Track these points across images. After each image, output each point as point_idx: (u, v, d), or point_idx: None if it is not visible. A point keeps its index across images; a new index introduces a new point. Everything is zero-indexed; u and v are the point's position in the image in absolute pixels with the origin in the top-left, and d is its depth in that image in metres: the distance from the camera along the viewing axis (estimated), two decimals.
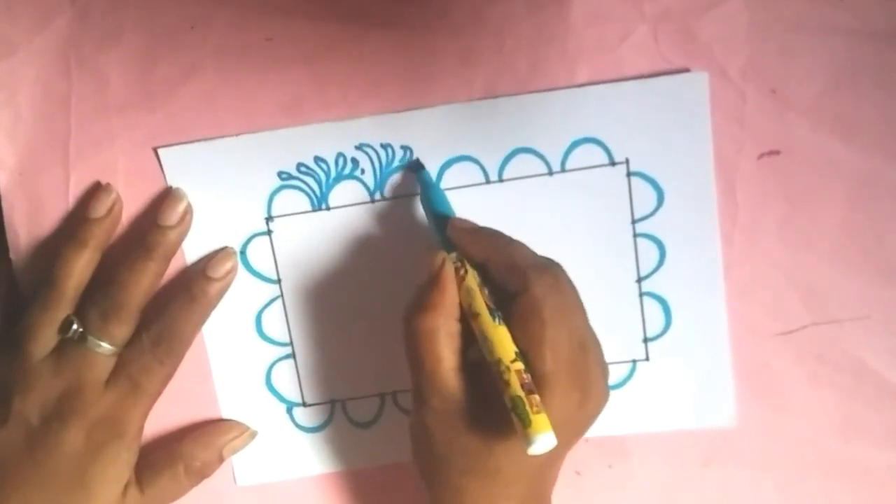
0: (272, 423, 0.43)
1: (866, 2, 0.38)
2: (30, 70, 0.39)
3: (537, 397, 0.33)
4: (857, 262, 0.40)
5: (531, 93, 0.39)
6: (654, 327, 0.41)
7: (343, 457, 0.43)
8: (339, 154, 0.40)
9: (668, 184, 0.40)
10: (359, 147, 0.40)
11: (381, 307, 0.41)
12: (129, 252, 0.39)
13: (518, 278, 0.35)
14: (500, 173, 0.40)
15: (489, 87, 0.39)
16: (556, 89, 0.39)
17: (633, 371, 0.42)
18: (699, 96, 0.39)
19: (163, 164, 0.40)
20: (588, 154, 0.40)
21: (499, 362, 0.33)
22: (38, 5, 0.38)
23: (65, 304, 0.38)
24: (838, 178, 0.39)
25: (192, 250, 0.41)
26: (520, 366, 0.33)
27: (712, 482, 0.43)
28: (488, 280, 0.36)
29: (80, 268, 0.38)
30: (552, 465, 0.37)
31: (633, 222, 0.40)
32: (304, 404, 0.43)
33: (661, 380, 0.41)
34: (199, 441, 0.41)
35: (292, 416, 0.43)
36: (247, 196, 0.40)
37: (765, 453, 0.42)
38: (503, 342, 0.34)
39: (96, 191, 0.39)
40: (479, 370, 0.35)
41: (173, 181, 0.40)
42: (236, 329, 0.42)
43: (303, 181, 0.40)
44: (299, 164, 0.40)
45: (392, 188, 0.40)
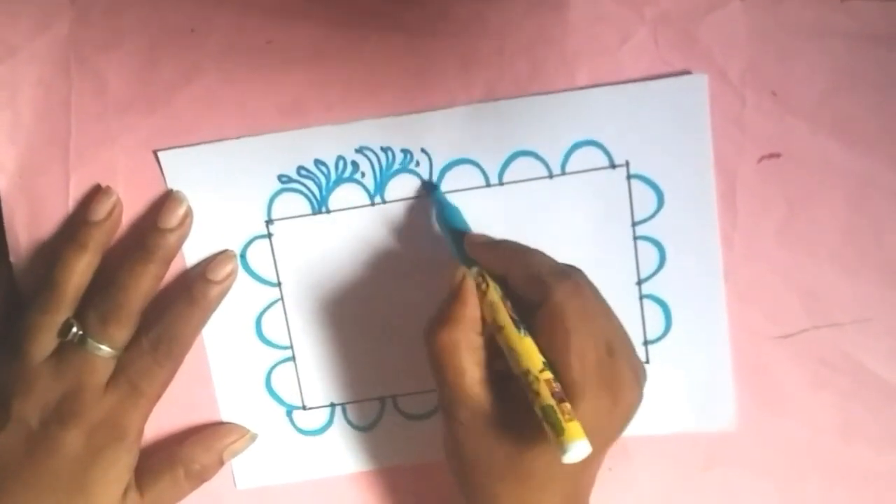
0: (272, 427, 0.43)
1: (866, 5, 0.38)
2: (30, 72, 0.39)
3: (568, 405, 0.32)
4: (857, 265, 0.40)
5: (531, 95, 0.39)
6: (655, 330, 0.41)
7: (343, 460, 0.43)
8: (340, 157, 0.40)
9: (669, 186, 0.40)
10: (359, 150, 0.40)
11: (382, 310, 0.41)
12: (128, 255, 0.39)
13: (538, 288, 0.34)
14: (501, 176, 0.40)
15: (489, 90, 0.39)
16: (556, 92, 0.39)
17: None
18: (699, 99, 0.39)
19: (163, 167, 0.40)
20: (588, 157, 0.40)
21: (527, 373, 0.33)
22: (38, 7, 0.38)
23: (64, 307, 0.38)
24: (838, 181, 0.39)
25: (192, 253, 0.41)
26: (548, 375, 0.33)
27: (713, 485, 0.43)
28: (510, 293, 0.36)
29: (80, 270, 0.38)
30: (587, 469, 0.36)
31: (634, 225, 0.40)
32: (304, 407, 0.43)
33: (661, 383, 0.41)
34: (199, 444, 0.41)
35: (292, 420, 0.43)
36: (247, 199, 0.40)
37: (765, 456, 0.42)
38: (530, 353, 0.33)
39: (96, 193, 0.39)
40: (506, 382, 0.35)
41: (173, 184, 0.40)
42: (236, 332, 0.42)
43: (303, 184, 0.40)
44: (299, 167, 0.40)
45: (392, 191, 0.40)
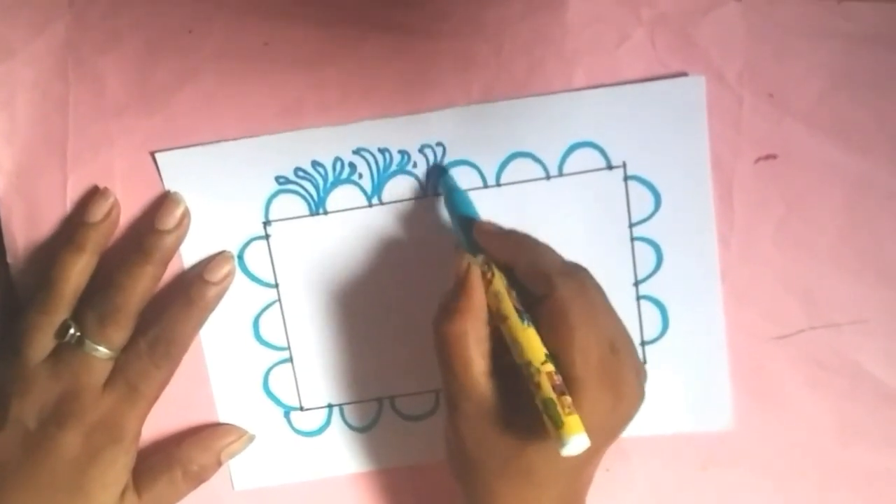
0: (270, 428, 0.43)
1: (862, 6, 0.38)
2: (27, 73, 0.39)
3: (569, 399, 0.32)
4: (854, 266, 0.40)
5: (528, 97, 0.39)
6: (652, 331, 0.41)
7: (341, 461, 0.43)
8: (337, 158, 0.40)
9: (666, 187, 0.40)
10: (356, 151, 0.40)
11: (379, 311, 0.41)
12: (126, 256, 0.39)
13: (543, 284, 0.34)
14: (498, 177, 0.40)
15: (486, 92, 0.39)
16: (553, 93, 0.39)
17: None
18: (696, 100, 0.39)
19: (160, 168, 0.40)
20: (585, 158, 0.40)
21: (528, 364, 0.33)
22: (36, 8, 0.38)
23: (62, 308, 0.38)
24: (835, 182, 0.39)
25: (189, 254, 0.41)
26: (550, 368, 0.33)
27: (710, 485, 0.43)
28: (516, 283, 0.36)
29: (78, 272, 0.38)
30: (586, 467, 0.36)
31: (631, 226, 0.40)
32: (302, 408, 0.43)
33: (658, 383, 0.41)
34: (197, 445, 0.41)
35: (290, 421, 0.43)
36: (244, 200, 0.40)
37: (763, 457, 0.42)
38: (532, 344, 0.33)
39: (94, 195, 0.39)
40: (510, 373, 0.35)
41: (171, 185, 0.40)
42: (234, 333, 0.42)
43: (300, 185, 0.40)
44: (297, 169, 0.40)
45: (389, 193, 0.40)
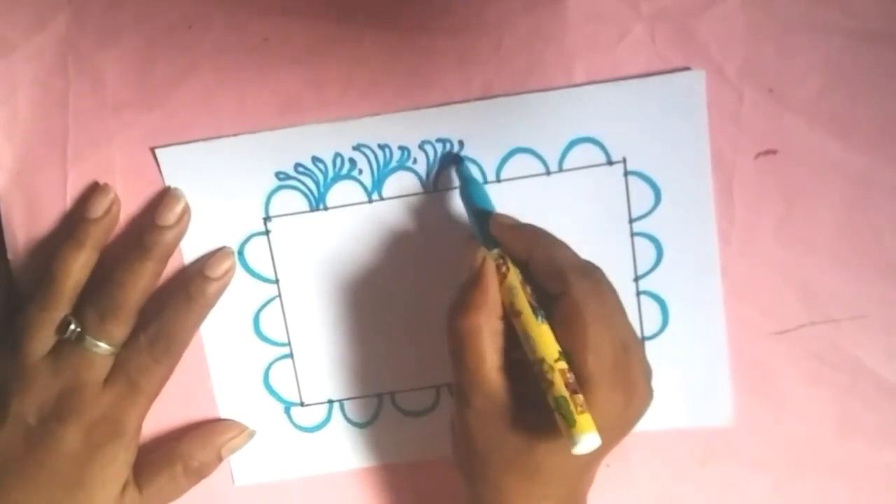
0: (270, 423, 0.43)
1: (863, 2, 0.38)
2: (27, 69, 0.39)
3: (581, 397, 0.32)
4: (854, 262, 0.40)
5: (529, 92, 0.39)
6: (651, 326, 0.41)
7: (341, 457, 0.43)
8: (337, 154, 0.40)
9: (666, 183, 0.40)
10: (356, 147, 0.40)
11: (380, 307, 0.41)
12: (126, 252, 0.39)
13: (558, 282, 0.34)
14: (498, 173, 0.40)
15: (487, 87, 0.39)
16: (553, 89, 0.39)
17: None
18: (696, 95, 0.39)
19: (160, 164, 0.40)
20: (585, 153, 0.40)
21: (542, 361, 0.33)
22: (35, 5, 0.38)
23: (62, 304, 0.38)
24: (835, 178, 0.39)
25: (189, 250, 0.41)
26: (563, 365, 0.33)
27: (710, 481, 0.43)
28: (531, 277, 0.36)
29: (78, 268, 0.38)
30: (592, 466, 0.36)
31: (631, 221, 0.40)
32: (302, 404, 0.43)
33: (657, 379, 0.41)
34: (198, 441, 0.41)
35: (290, 416, 0.43)
36: (244, 196, 0.40)
37: (762, 452, 0.42)
38: (546, 341, 0.33)
39: (94, 191, 0.39)
40: (522, 369, 0.35)
41: (171, 181, 0.40)
42: (234, 329, 0.42)
43: (300, 181, 0.40)
44: (297, 165, 0.40)
45: (390, 188, 0.40)
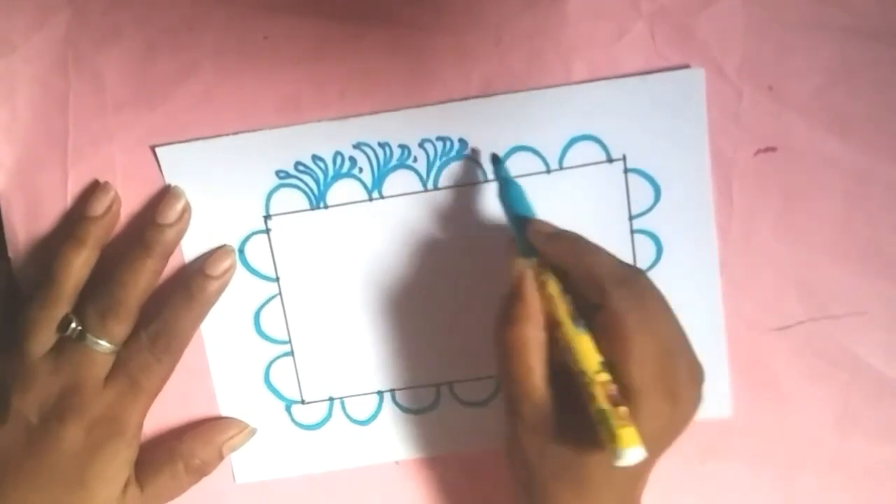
0: (271, 421, 0.43)
1: (863, 0, 0.38)
2: (27, 69, 0.39)
3: (625, 409, 0.32)
4: (853, 258, 0.40)
5: (528, 90, 0.39)
6: None
7: (342, 454, 0.43)
8: (337, 153, 0.40)
9: (665, 180, 0.40)
10: (356, 146, 0.40)
11: (379, 304, 0.42)
12: (127, 250, 0.39)
13: (597, 291, 0.34)
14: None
15: (486, 85, 0.39)
16: (552, 86, 0.39)
17: None
18: (696, 93, 0.39)
19: (161, 163, 0.40)
20: (585, 151, 0.40)
21: (583, 374, 0.33)
22: (36, 4, 0.38)
23: (63, 303, 0.38)
24: (834, 175, 0.39)
25: (190, 248, 0.41)
26: (605, 377, 0.32)
27: (710, 477, 0.43)
28: (571, 286, 0.35)
29: (79, 266, 0.38)
30: (643, 474, 0.36)
31: (630, 218, 0.40)
32: (303, 402, 0.43)
33: None
34: (199, 439, 0.41)
35: (291, 414, 0.43)
36: (245, 194, 0.40)
37: (762, 449, 0.42)
38: (587, 352, 0.33)
39: (95, 189, 0.39)
40: (567, 378, 0.34)
41: (171, 180, 0.40)
42: (235, 327, 0.42)
43: (301, 180, 0.40)
44: (297, 163, 0.40)
45: (390, 187, 0.40)
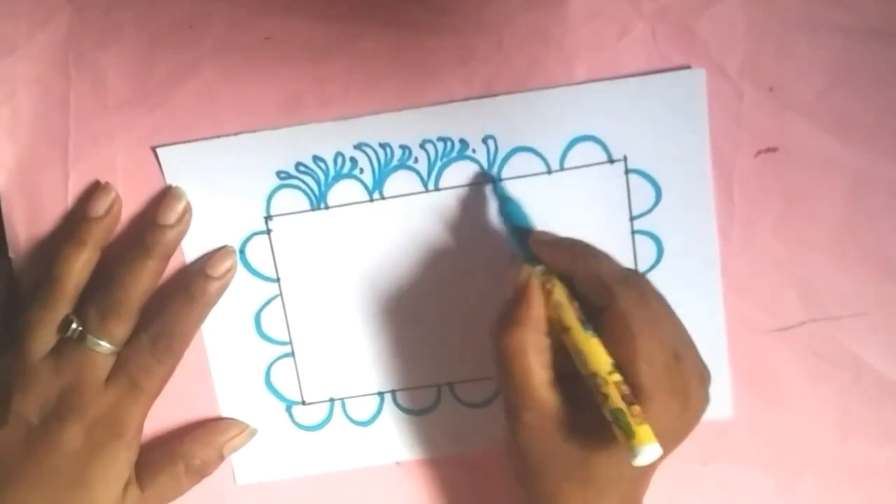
0: (272, 422, 0.43)
1: (863, 0, 0.38)
2: (28, 69, 0.39)
3: (638, 408, 0.32)
4: (854, 259, 0.40)
5: (529, 91, 0.39)
6: None
7: (342, 455, 0.43)
8: (338, 153, 0.40)
9: (666, 181, 0.40)
10: (357, 146, 0.40)
11: (380, 306, 0.41)
12: (128, 251, 0.39)
13: (603, 294, 0.34)
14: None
15: (487, 86, 0.39)
16: (554, 87, 0.39)
17: None
18: (697, 94, 0.39)
19: (162, 164, 0.40)
20: (586, 152, 0.40)
21: (595, 375, 0.33)
22: (37, 4, 0.38)
23: (64, 303, 0.38)
24: (835, 176, 0.39)
25: (191, 249, 0.41)
26: (617, 377, 0.32)
27: (711, 479, 0.43)
28: (577, 292, 0.35)
29: (80, 267, 0.38)
30: (647, 474, 0.36)
31: (631, 219, 0.40)
32: (304, 403, 0.43)
33: None
34: (199, 440, 0.41)
35: (292, 415, 0.43)
36: (246, 195, 0.40)
37: (763, 450, 0.42)
38: (597, 355, 0.33)
39: (95, 190, 0.39)
40: (572, 382, 0.34)
41: (172, 180, 0.40)
42: (235, 328, 0.42)
43: (301, 180, 0.40)
44: (298, 164, 0.40)
45: (390, 187, 0.40)
